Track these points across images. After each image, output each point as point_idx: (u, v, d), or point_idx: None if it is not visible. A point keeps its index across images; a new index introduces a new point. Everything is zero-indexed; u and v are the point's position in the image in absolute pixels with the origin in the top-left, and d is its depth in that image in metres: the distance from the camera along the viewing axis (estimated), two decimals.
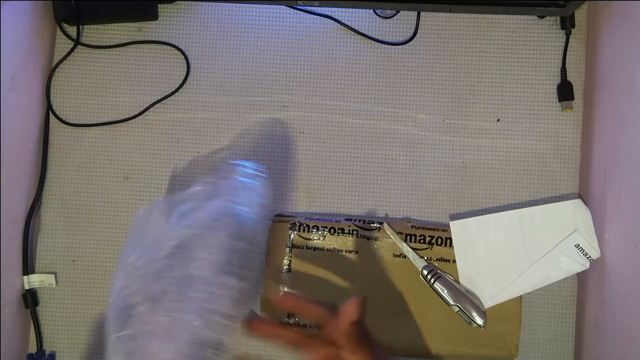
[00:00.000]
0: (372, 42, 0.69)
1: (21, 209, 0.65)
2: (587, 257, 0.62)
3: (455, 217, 0.67)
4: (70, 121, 0.69)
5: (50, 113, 0.69)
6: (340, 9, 0.69)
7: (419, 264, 0.63)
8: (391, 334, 0.63)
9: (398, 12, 0.69)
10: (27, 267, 0.65)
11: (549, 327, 0.67)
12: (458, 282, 0.63)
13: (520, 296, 0.63)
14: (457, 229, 0.64)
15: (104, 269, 0.68)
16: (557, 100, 0.68)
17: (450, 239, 0.64)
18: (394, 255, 0.64)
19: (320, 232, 0.64)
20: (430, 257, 0.64)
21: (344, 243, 0.64)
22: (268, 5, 0.70)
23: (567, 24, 0.67)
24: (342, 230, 0.64)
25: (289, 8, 0.69)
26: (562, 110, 0.68)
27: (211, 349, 0.49)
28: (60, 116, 0.69)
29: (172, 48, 0.70)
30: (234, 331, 0.50)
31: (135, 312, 0.50)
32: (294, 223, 0.65)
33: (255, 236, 0.57)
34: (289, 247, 0.64)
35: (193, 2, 0.70)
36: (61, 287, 0.68)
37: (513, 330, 0.63)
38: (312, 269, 0.64)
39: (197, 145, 0.69)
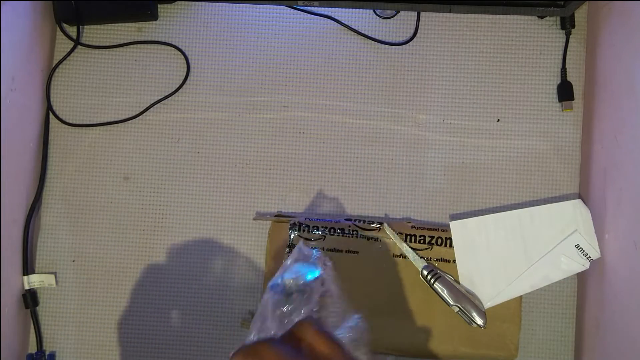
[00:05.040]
0: (372, 42, 0.69)
1: (21, 209, 0.65)
2: (587, 257, 0.62)
3: (455, 217, 0.67)
4: (70, 121, 0.69)
5: (50, 113, 0.69)
6: (340, 9, 0.69)
7: (419, 264, 0.63)
8: (391, 334, 0.63)
9: (398, 12, 0.69)
10: (27, 267, 0.65)
11: (549, 327, 0.67)
12: (458, 282, 0.63)
13: (520, 296, 0.63)
14: (457, 229, 0.64)
15: (104, 269, 0.68)
16: (557, 100, 0.68)
17: (450, 239, 0.64)
18: (394, 256, 0.64)
19: (320, 232, 0.64)
20: (430, 257, 0.64)
21: (344, 243, 0.64)
22: (268, 5, 0.69)
23: (567, 24, 0.67)
24: (342, 230, 0.64)
25: (289, 8, 0.69)
26: (562, 110, 0.68)
27: None
28: (60, 116, 0.69)
29: (172, 48, 0.70)
30: None
31: None
32: (294, 223, 0.65)
33: None
34: (289, 247, 0.64)
35: (193, 2, 0.70)
36: (61, 287, 0.68)
37: (513, 331, 0.63)
38: None
39: (197, 145, 0.69)
